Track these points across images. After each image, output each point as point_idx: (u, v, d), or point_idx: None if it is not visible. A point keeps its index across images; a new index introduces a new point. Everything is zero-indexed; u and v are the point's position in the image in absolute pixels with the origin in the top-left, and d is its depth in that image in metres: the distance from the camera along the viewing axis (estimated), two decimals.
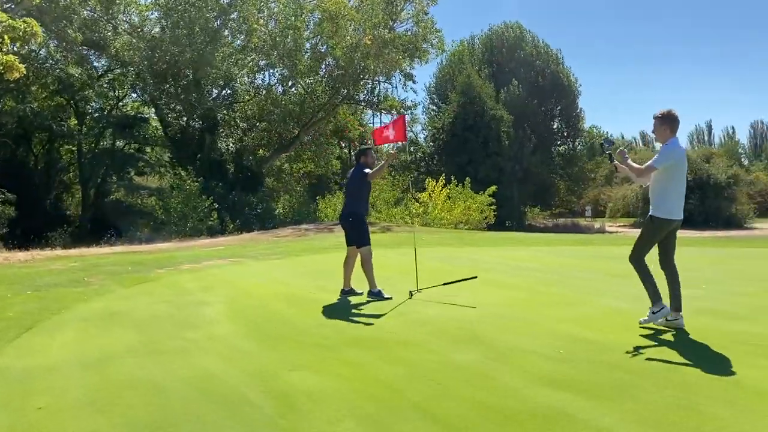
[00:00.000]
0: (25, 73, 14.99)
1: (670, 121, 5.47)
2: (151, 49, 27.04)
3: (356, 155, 7.91)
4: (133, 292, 7.90)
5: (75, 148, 32.08)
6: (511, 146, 40.06)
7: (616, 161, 5.77)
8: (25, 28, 14.09)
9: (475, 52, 46.78)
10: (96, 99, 32.09)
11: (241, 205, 27.39)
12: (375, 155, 8.09)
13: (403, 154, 32.24)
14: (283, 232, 19.66)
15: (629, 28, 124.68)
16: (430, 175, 31.62)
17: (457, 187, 26.63)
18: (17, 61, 12.45)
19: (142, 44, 27.13)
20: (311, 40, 30.59)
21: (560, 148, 48.50)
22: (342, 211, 7.71)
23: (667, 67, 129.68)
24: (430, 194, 25.34)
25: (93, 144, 32.39)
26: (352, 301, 7.01)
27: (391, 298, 7.08)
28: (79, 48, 27.00)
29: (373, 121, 42.58)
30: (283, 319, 6.11)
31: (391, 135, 7.20)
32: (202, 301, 7.15)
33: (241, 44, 29.70)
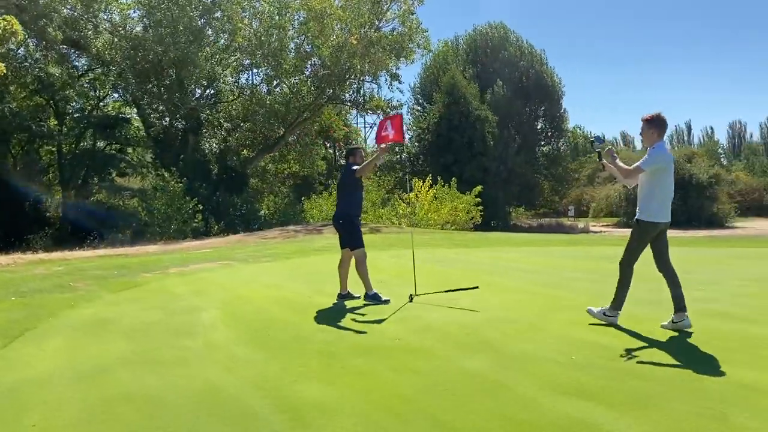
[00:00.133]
0: (4, 72, 14.61)
1: (659, 125, 5.42)
2: (134, 48, 26.58)
3: (345, 155, 7.74)
4: (121, 298, 7.65)
5: (55, 149, 31.39)
6: (496, 146, 40.12)
7: (604, 160, 5.73)
8: (5, 26, 13.74)
9: (459, 53, 46.80)
10: (76, 99, 31.44)
11: (226, 206, 27.04)
12: (364, 155, 7.92)
13: (388, 155, 32.12)
14: (271, 233, 19.40)
15: (612, 29, 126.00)
16: (416, 175, 31.53)
17: (444, 187, 26.57)
18: None
19: (124, 43, 26.66)
20: (296, 40, 30.28)
21: (544, 149, 48.68)
22: (335, 213, 7.54)
23: (648, 68, 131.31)
24: (417, 194, 25.23)
25: (73, 144, 31.74)
26: (350, 306, 6.82)
27: (388, 300, 6.93)
28: (60, 47, 26.43)
29: (357, 122, 42.46)
30: (282, 324, 5.91)
31: (390, 134, 7.03)
32: (195, 306, 6.93)
33: (225, 43, 29.31)
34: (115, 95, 32.74)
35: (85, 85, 31.48)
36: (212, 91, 30.99)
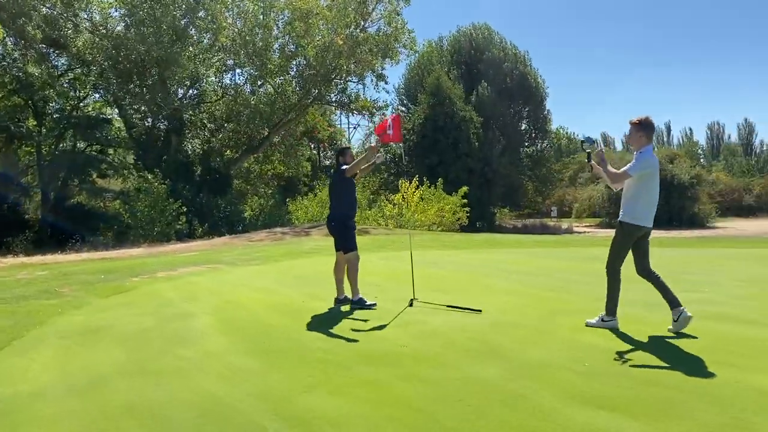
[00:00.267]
0: None
1: (647, 128, 5.41)
2: (115, 47, 26.13)
3: (335, 156, 7.59)
4: (111, 304, 7.43)
5: (34, 150, 30.76)
6: (481, 148, 40.14)
7: (593, 161, 5.67)
8: None
9: (444, 54, 46.77)
10: (56, 99, 30.76)
11: (209, 208, 26.69)
12: (353, 155, 7.76)
13: (381, 155, 32.05)
14: (257, 236, 19.15)
15: (592, 30, 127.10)
16: (401, 176, 31.42)
17: (430, 188, 26.51)
18: None
19: (105, 42, 26.20)
20: (281, 39, 30.02)
21: (528, 150, 48.84)
22: (328, 215, 7.37)
23: (628, 69, 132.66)
24: (404, 196, 25.13)
25: (53, 145, 31.11)
26: (346, 311, 6.67)
27: (374, 304, 6.77)
28: (39, 46, 25.95)
29: (341, 122, 42.24)
30: (280, 332, 5.73)
31: (391, 134, 6.90)
32: (188, 312, 6.72)
33: (208, 43, 28.96)
34: (96, 95, 32.14)
35: (65, 85, 30.84)
36: (195, 92, 30.63)
